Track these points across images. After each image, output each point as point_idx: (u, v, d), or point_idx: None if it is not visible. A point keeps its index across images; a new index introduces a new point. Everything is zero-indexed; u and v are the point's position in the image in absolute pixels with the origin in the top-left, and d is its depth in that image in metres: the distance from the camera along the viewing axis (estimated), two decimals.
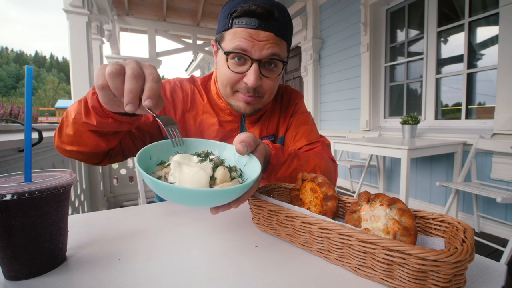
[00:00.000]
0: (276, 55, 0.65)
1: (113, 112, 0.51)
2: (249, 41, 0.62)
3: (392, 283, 0.31)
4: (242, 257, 0.39)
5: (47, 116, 20.83)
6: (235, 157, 0.51)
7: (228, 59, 0.65)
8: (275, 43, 0.64)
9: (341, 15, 3.74)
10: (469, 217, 2.35)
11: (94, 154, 0.64)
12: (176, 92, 0.77)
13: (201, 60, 9.86)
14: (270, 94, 0.72)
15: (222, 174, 0.42)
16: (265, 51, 0.63)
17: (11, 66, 66.33)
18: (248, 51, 0.63)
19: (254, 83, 0.64)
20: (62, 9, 2.48)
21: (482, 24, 2.43)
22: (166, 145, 0.48)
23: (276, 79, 0.70)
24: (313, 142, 0.81)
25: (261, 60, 0.64)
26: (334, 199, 0.46)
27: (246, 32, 0.62)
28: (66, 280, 0.34)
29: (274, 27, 0.63)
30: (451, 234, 0.35)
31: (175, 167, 0.41)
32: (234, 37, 0.63)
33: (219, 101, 0.77)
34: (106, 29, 4.16)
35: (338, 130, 3.89)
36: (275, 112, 0.85)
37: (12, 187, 0.32)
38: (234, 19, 0.63)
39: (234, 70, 0.66)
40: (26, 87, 0.35)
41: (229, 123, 0.79)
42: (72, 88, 2.61)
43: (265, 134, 0.82)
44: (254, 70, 0.64)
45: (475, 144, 2.19)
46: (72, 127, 0.57)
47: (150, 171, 0.44)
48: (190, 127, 0.77)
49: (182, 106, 0.77)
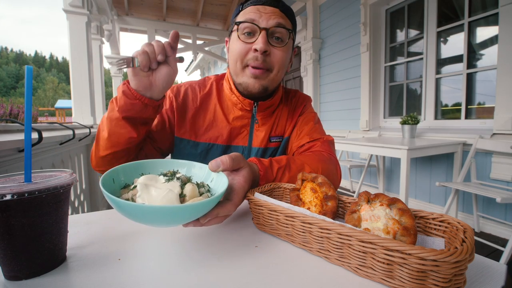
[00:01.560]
0: (282, 25, 0.72)
1: (139, 94, 0.61)
2: (256, 13, 0.72)
3: (392, 283, 0.31)
4: (242, 257, 0.39)
5: (47, 116, 20.80)
6: (204, 175, 0.51)
7: (239, 31, 0.73)
8: (280, 15, 0.73)
9: (341, 15, 3.74)
10: (469, 217, 2.36)
11: (126, 151, 0.69)
12: (187, 94, 0.84)
13: (201, 60, 9.86)
14: (279, 67, 0.76)
15: (191, 190, 0.42)
16: (271, 21, 0.71)
17: (10, 66, 66.29)
18: (256, 21, 0.71)
19: (263, 46, 0.70)
20: (62, 9, 2.48)
21: (482, 24, 2.43)
22: (130, 167, 0.47)
23: (284, 49, 0.75)
24: (315, 139, 0.82)
25: (268, 28, 0.71)
26: (334, 199, 0.46)
27: (254, 8, 0.73)
28: (66, 280, 0.34)
29: (279, 4, 0.73)
30: (451, 234, 0.35)
31: (142, 189, 0.40)
32: (244, 14, 0.73)
33: (231, 96, 0.82)
34: (105, 29, 4.16)
35: (338, 130, 3.89)
36: (284, 113, 0.88)
37: (12, 187, 0.32)
38: (243, 4, 0.75)
39: (244, 40, 0.73)
40: (26, 87, 0.35)
41: (239, 119, 0.82)
42: (72, 88, 2.61)
43: (273, 135, 0.86)
44: (262, 36, 0.71)
45: (475, 144, 2.19)
46: (107, 126, 0.65)
47: (115, 195, 0.41)
48: (200, 126, 0.82)
49: (193, 106, 0.83)
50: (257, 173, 0.59)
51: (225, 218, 0.46)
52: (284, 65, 0.77)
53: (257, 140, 0.83)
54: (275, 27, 0.71)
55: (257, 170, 0.59)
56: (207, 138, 0.81)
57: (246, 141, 0.83)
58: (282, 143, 0.87)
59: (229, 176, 0.50)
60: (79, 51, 2.54)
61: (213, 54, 6.48)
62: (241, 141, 0.83)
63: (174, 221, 0.38)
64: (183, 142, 0.81)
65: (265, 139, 0.83)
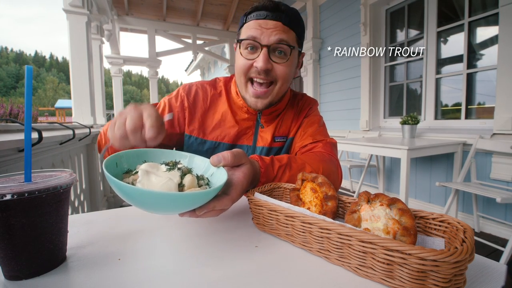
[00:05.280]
0: (284, 41, 0.71)
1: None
2: (258, 29, 0.71)
3: (392, 283, 0.31)
4: (242, 257, 0.39)
5: (47, 116, 20.78)
6: (204, 168, 0.52)
7: (241, 47, 0.74)
8: (282, 30, 0.71)
9: (341, 15, 3.74)
10: (469, 217, 2.36)
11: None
12: (198, 94, 0.86)
13: (201, 60, 9.86)
14: (283, 81, 0.76)
15: (190, 181, 0.43)
16: (272, 37, 0.70)
17: (11, 66, 66.23)
18: (258, 38, 0.71)
19: (263, 64, 0.70)
20: (62, 9, 2.48)
21: (482, 24, 2.43)
22: (134, 154, 0.48)
23: (286, 65, 0.74)
24: (317, 141, 0.83)
25: (269, 45, 0.71)
26: (334, 199, 0.46)
27: (256, 23, 0.72)
28: (66, 280, 0.34)
29: (281, 17, 0.71)
30: (451, 234, 0.35)
31: (142, 174, 0.41)
32: (247, 30, 0.73)
33: (238, 99, 0.84)
34: (106, 29, 4.15)
35: (338, 130, 3.89)
36: (289, 115, 0.89)
37: (12, 187, 0.32)
38: (247, 16, 0.75)
39: (246, 57, 0.74)
40: (26, 87, 0.35)
41: (245, 121, 0.85)
42: (72, 88, 2.61)
43: (278, 135, 0.87)
44: (263, 54, 0.71)
45: (475, 144, 2.19)
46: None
47: (117, 179, 0.42)
48: (209, 125, 0.85)
49: (203, 106, 0.85)
50: (258, 170, 0.59)
51: (221, 212, 0.46)
52: (288, 78, 0.77)
53: (261, 140, 0.86)
54: (277, 43, 0.71)
55: (258, 167, 0.59)
56: (214, 137, 0.84)
57: (251, 141, 0.86)
58: (287, 143, 0.88)
59: (229, 171, 0.50)
60: (79, 51, 2.54)
61: (213, 54, 6.48)
62: (246, 141, 0.86)
63: (171, 208, 0.39)
64: (192, 138, 0.84)
65: (270, 139, 0.86)
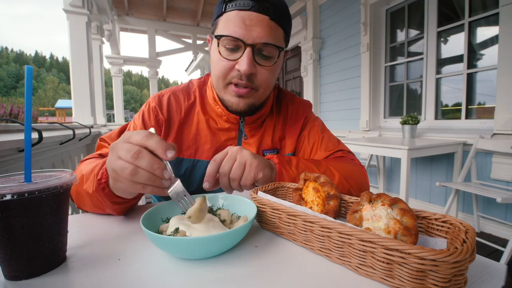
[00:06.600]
0: (271, 43, 0.60)
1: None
2: (242, 27, 0.58)
3: (392, 282, 0.31)
4: (242, 257, 0.39)
5: (47, 116, 20.83)
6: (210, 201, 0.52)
7: (219, 45, 0.61)
8: (270, 27, 0.60)
9: (341, 15, 3.73)
10: (469, 217, 2.36)
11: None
12: (171, 104, 0.74)
13: (201, 60, 9.86)
14: (266, 87, 0.66)
15: (227, 214, 0.45)
16: (258, 35, 0.59)
17: (11, 66, 66.28)
18: (241, 36, 0.58)
19: (247, 68, 0.59)
20: (62, 9, 2.48)
21: (482, 24, 2.43)
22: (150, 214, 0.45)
23: (272, 69, 0.64)
24: (333, 152, 0.75)
25: (255, 45, 0.59)
26: (336, 198, 0.46)
27: (239, 16, 0.58)
28: (66, 280, 0.34)
29: (269, 10, 0.59)
30: (453, 235, 0.35)
31: (186, 228, 0.41)
32: (226, 23, 0.60)
33: (215, 106, 0.72)
34: (106, 29, 4.16)
35: (338, 130, 3.89)
36: (278, 123, 0.78)
37: (12, 187, 0.32)
38: (227, 3, 0.60)
39: (226, 57, 0.61)
40: (26, 87, 0.35)
41: (225, 132, 0.73)
42: (72, 88, 2.61)
43: (266, 148, 0.77)
44: (247, 55, 0.59)
45: (475, 144, 2.19)
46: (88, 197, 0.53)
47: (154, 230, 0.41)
48: (185, 140, 0.73)
49: (177, 117, 0.73)
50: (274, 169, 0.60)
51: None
52: (271, 83, 0.68)
53: None
54: (263, 44, 0.59)
55: (274, 166, 0.60)
56: (190, 154, 0.72)
57: None
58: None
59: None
60: (79, 51, 2.54)
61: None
62: None
63: (228, 245, 0.40)
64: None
65: (256, 153, 0.74)
